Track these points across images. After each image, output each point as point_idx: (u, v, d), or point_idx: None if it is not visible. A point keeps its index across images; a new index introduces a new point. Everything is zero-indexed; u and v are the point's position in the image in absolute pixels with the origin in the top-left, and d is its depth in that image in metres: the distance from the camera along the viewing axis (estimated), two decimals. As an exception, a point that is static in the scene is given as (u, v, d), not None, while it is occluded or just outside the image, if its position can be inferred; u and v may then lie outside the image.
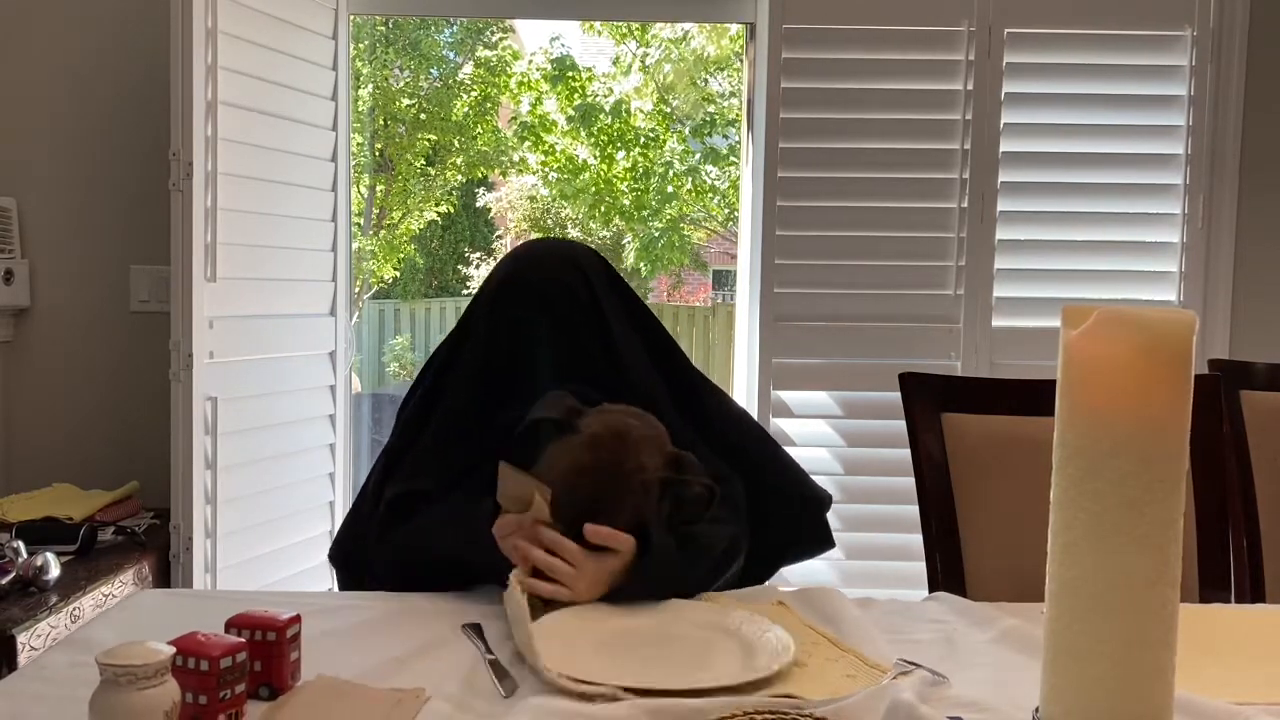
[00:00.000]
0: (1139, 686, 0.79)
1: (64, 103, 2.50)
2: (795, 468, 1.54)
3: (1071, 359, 0.79)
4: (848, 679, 1.04)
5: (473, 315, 1.51)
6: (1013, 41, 2.47)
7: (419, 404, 1.50)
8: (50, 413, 2.54)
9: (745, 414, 1.60)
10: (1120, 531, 0.78)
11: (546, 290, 1.43)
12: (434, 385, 1.50)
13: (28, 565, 1.83)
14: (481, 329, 1.47)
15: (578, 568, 1.21)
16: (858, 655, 1.11)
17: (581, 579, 1.21)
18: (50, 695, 0.99)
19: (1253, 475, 1.76)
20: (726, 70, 9.32)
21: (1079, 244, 2.51)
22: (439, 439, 1.44)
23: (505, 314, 1.44)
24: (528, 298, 1.43)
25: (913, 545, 1.71)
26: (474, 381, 1.45)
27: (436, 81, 9.49)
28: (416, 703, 0.98)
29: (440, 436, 1.44)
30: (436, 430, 1.45)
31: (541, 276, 1.45)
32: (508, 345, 1.44)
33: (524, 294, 1.44)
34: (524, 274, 1.46)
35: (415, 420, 1.49)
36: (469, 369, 1.46)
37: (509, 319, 1.44)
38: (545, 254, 1.50)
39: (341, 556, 1.51)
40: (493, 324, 1.45)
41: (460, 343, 1.50)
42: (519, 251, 1.53)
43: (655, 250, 9.27)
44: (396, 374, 8.86)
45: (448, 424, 1.45)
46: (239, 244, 2.26)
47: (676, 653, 1.12)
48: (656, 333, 1.53)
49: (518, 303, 1.44)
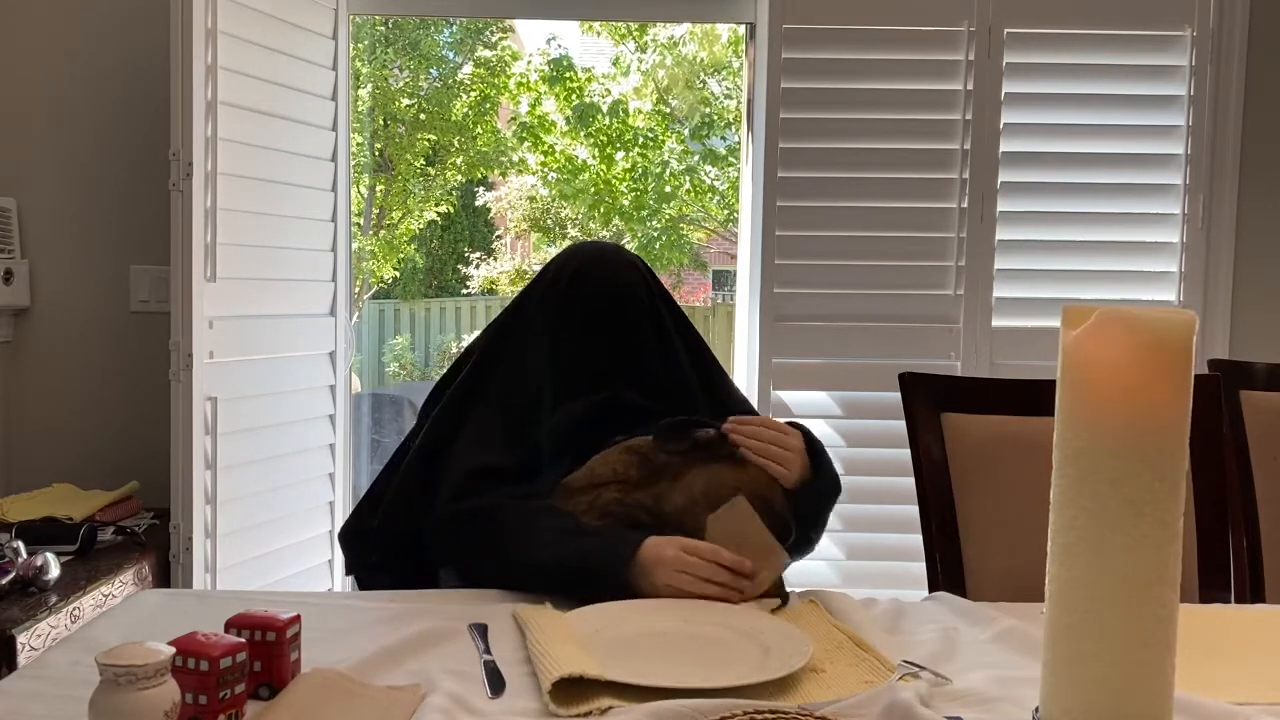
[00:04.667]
0: (1139, 686, 0.79)
1: (64, 103, 2.50)
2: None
3: (1071, 359, 0.79)
4: (865, 685, 1.03)
5: (531, 307, 1.55)
6: (1013, 41, 2.47)
7: (460, 390, 1.53)
8: (50, 413, 2.53)
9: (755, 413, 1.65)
10: (1120, 531, 0.78)
11: (615, 289, 1.50)
12: (480, 374, 1.54)
13: (28, 565, 1.83)
14: (544, 321, 1.51)
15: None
16: (878, 658, 1.10)
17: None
18: (50, 695, 0.99)
19: (1253, 475, 1.76)
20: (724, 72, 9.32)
21: (1079, 244, 2.51)
22: (502, 422, 1.48)
23: (575, 308, 1.49)
24: (598, 295, 1.49)
25: (913, 545, 1.70)
26: (536, 370, 1.50)
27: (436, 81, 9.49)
28: (413, 700, 0.98)
29: (504, 420, 1.48)
30: (493, 415, 1.48)
31: (610, 276, 1.51)
32: (574, 338, 1.48)
33: (594, 291, 1.49)
34: (593, 272, 1.51)
35: (458, 413, 1.51)
36: (528, 359, 1.51)
37: (580, 313, 1.49)
38: (610, 256, 1.55)
39: (355, 537, 1.52)
40: (559, 317, 1.50)
41: (513, 333, 1.54)
42: (583, 250, 1.57)
43: (654, 250, 9.27)
44: (396, 374, 8.86)
45: (509, 410, 1.48)
46: (239, 244, 2.26)
47: (694, 654, 1.12)
48: (695, 337, 1.60)
49: (587, 298, 1.49)
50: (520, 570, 1.31)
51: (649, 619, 1.20)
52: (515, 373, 1.52)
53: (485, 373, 1.54)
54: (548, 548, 1.31)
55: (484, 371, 1.54)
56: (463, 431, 1.49)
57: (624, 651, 1.09)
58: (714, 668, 1.06)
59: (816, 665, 1.08)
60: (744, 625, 1.18)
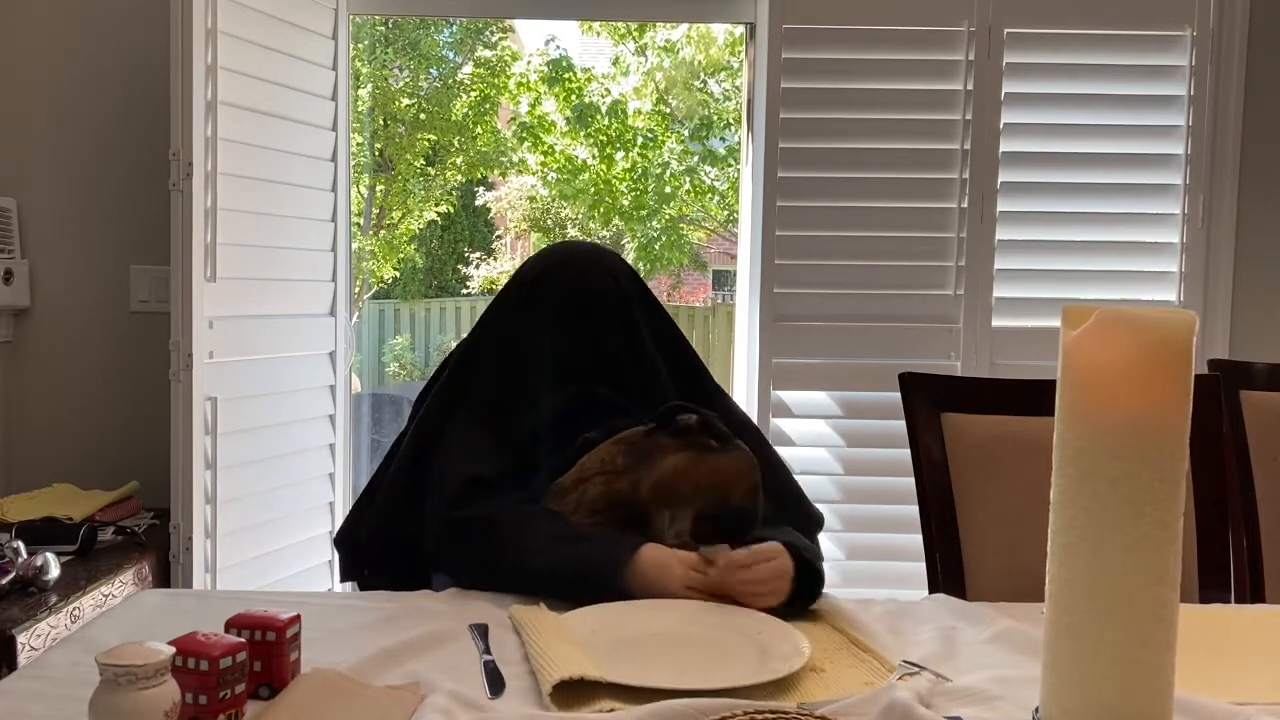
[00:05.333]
0: (1139, 686, 0.79)
1: (64, 103, 2.50)
2: (793, 481, 1.56)
3: (1071, 359, 0.79)
4: (865, 686, 1.03)
5: (504, 309, 1.54)
6: (1013, 41, 2.47)
7: (443, 394, 1.53)
8: (50, 413, 2.53)
9: (749, 422, 1.63)
10: (1120, 531, 0.78)
11: (582, 290, 1.48)
12: (459, 377, 1.53)
13: (28, 565, 1.83)
14: (514, 323, 1.51)
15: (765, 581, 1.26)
16: (878, 658, 1.11)
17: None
18: (50, 695, 0.99)
19: (1253, 475, 1.76)
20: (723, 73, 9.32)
21: (1079, 244, 2.51)
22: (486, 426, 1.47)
23: (542, 310, 1.48)
24: (565, 297, 1.48)
25: (913, 545, 1.70)
26: (506, 374, 1.49)
27: (436, 81, 9.49)
28: (413, 700, 0.98)
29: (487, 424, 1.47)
30: (477, 419, 1.48)
31: (578, 276, 1.50)
32: (542, 341, 1.47)
33: (561, 293, 1.48)
34: (560, 273, 1.51)
35: (439, 418, 1.51)
36: (501, 362, 1.50)
37: (549, 313, 1.48)
38: (580, 256, 1.54)
39: (349, 542, 1.52)
40: (528, 319, 1.49)
41: (490, 334, 1.54)
42: (554, 251, 1.57)
43: (654, 250, 9.27)
44: (396, 374, 8.86)
45: (490, 412, 1.48)
46: (239, 244, 2.26)
47: (693, 655, 1.12)
48: (678, 343, 1.58)
49: (555, 299, 1.48)
50: (517, 578, 1.31)
51: (646, 620, 1.20)
52: (492, 374, 1.51)
53: (465, 374, 1.53)
54: (542, 554, 1.31)
55: (464, 373, 1.54)
56: (447, 436, 1.48)
57: (622, 653, 1.10)
58: (714, 669, 1.06)
59: (816, 665, 1.09)
60: (742, 626, 1.18)
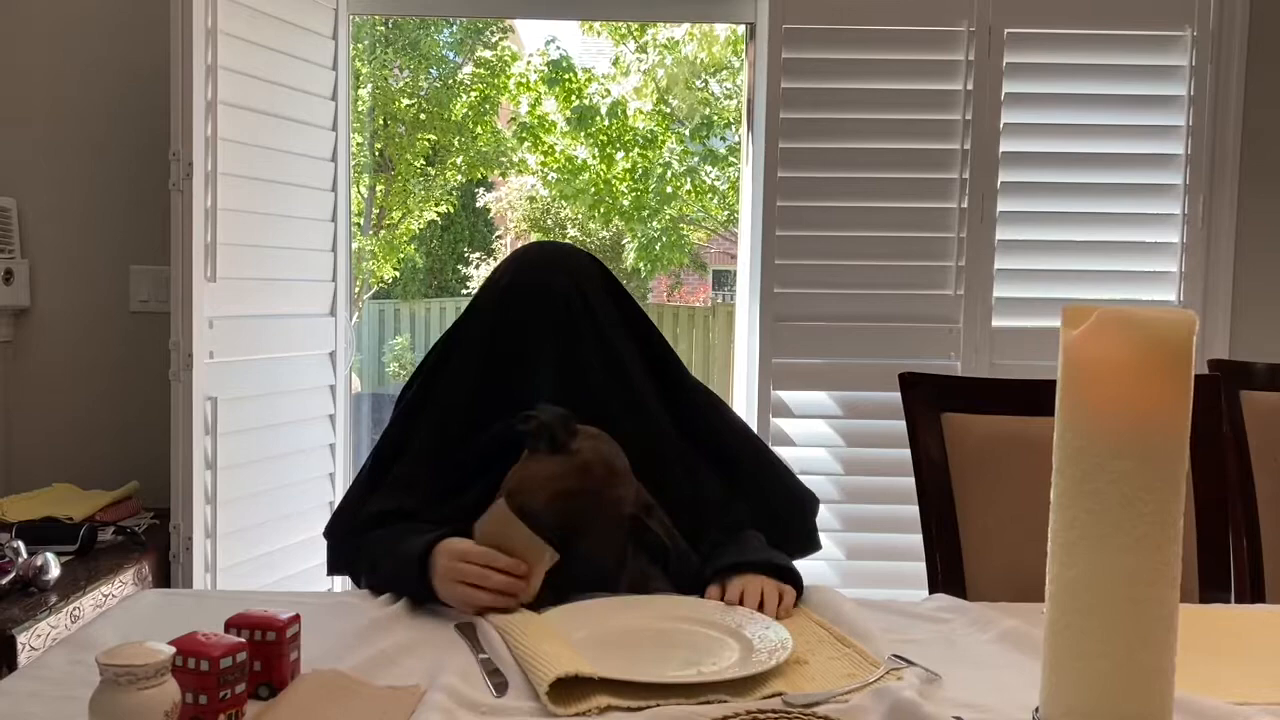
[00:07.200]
0: (1139, 686, 0.79)
1: (64, 103, 2.50)
2: (785, 470, 1.55)
3: (1071, 359, 0.79)
4: (847, 678, 1.05)
5: (468, 319, 1.50)
6: (1013, 41, 2.47)
7: (409, 407, 1.50)
8: (50, 413, 2.53)
9: (737, 418, 1.60)
10: (1120, 531, 0.78)
11: (542, 296, 1.42)
12: (425, 389, 1.49)
13: (28, 565, 1.83)
14: (476, 333, 1.46)
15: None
16: (860, 652, 1.12)
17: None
18: (50, 695, 0.99)
19: (1253, 475, 1.76)
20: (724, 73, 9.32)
21: (1079, 244, 2.51)
22: (431, 446, 1.43)
23: (501, 318, 1.44)
24: (523, 303, 1.43)
25: (913, 545, 1.70)
26: (468, 387, 1.44)
27: (436, 81, 9.50)
28: (413, 700, 0.98)
29: (433, 443, 1.43)
30: (428, 436, 1.44)
31: (536, 282, 1.44)
32: (503, 351, 1.43)
33: (519, 299, 1.43)
34: (519, 279, 1.45)
35: (405, 422, 1.49)
36: (463, 374, 1.45)
37: (505, 324, 1.43)
38: (540, 259, 1.49)
39: (332, 537, 1.52)
40: (488, 329, 1.45)
41: (454, 347, 1.49)
42: (516, 255, 1.52)
43: (654, 250, 9.27)
44: (396, 374, 8.87)
45: (441, 430, 1.44)
46: (239, 244, 2.26)
47: (677, 650, 1.13)
48: (652, 339, 1.52)
49: (513, 308, 1.43)
50: (373, 591, 1.34)
51: (625, 618, 1.21)
52: (450, 388, 1.46)
53: (429, 384, 1.49)
54: (375, 566, 1.35)
55: (428, 383, 1.49)
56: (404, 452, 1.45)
57: (610, 649, 1.11)
58: (701, 663, 1.08)
59: (800, 657, 1.11)
60: (721, 620, 1.20)
